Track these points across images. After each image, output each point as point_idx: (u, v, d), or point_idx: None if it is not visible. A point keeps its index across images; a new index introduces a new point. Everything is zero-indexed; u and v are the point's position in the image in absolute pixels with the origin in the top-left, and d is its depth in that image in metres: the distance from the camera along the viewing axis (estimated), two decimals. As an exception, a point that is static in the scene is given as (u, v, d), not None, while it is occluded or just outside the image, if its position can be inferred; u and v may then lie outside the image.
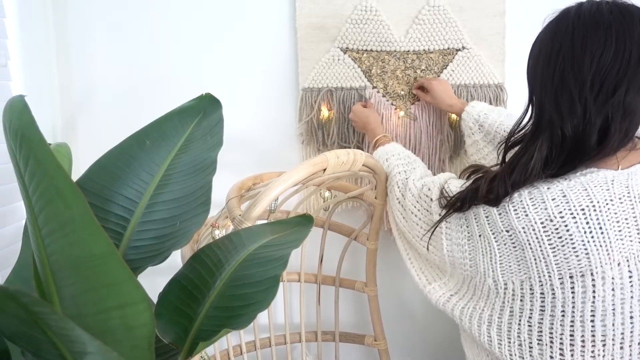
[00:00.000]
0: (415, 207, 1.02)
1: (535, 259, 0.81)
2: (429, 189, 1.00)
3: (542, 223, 0.79)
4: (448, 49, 1.40)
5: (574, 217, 0.78)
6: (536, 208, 0.80)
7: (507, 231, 0.83)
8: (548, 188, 0.80)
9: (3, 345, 0.73)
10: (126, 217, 0.83)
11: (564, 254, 0.79)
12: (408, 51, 1.40)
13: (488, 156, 1.21)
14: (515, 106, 1.43)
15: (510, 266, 0.85)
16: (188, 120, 0.93)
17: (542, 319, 0.83)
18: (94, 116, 1.43)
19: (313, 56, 1.40)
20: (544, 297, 0.82)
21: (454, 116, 1.41)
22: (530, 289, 0.83)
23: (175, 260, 1.03)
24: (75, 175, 0.85)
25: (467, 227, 0.90)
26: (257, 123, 1.45)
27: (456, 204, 0.89)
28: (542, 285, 0.82)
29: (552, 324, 0.83)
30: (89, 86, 1.42)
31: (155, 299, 0.80)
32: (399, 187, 1.08)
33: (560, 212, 0.78)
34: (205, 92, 0.97)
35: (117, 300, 0.64)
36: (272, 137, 1.46)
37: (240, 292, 0.76)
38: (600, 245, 0.77)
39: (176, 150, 0.90)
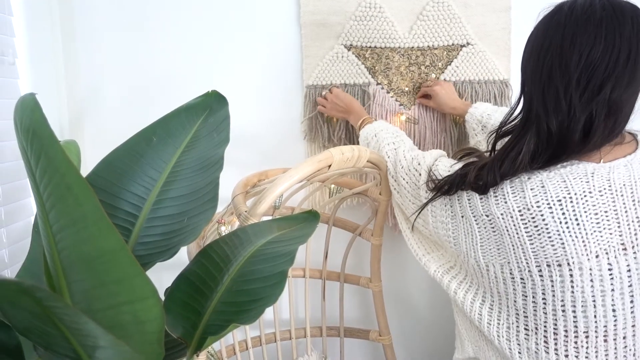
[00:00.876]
0: (404, 179, 1.04)
1: (513, 245, 0.83)
2: (419, 164, 1.01)
3: (519, 211, 0.82)
4: (452, 45, 1.40)
5: (550, 207, 0.79)
6: (515, 196, 0.82)
7: (487, 216, 0.85)
8: (528, 178, 0.82)
9: (15, 339, 0.74)
10: (134, 213, 0.84)
11: (540, 243, 0.81)
12: (412, 47, 1.40)
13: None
14: (520, 102, 1.43)
15: (490, 249, 0.87)
16: (195, 117, 0.94)
17: (525, 304, 0.85)
18: (101, 113, 1.44)
19: (317, 53, 1.41)
20: (524, 283, 0.84)
21: (458, 113, 1.41)
22: (511, 274, 0.86)
23: (181, 256, 1.04)
24: (83, 172, 0.85)
25: (451, 207, 0.92)
26: (262, 120, 1.46)
27: (443, 188, 0.91)
28: (520, 271, 0.84)
29: (535, 310, 0.85)
30: (95, 84, 1.43)
31: (161, 294, 0.81)
32: (389, 158, 1.10)
33: (537, 202, 0.80)
34: (211, 89, 0.98)
35: (128, 296, 0.64)
36: (277, 134, 1.47)
37: (248, 288, 0.76)
38: (576, 236, 0.79)
39: (183, 147, 0.91)
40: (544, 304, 0.83)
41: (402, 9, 1.39)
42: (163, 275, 1.14)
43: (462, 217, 0.90)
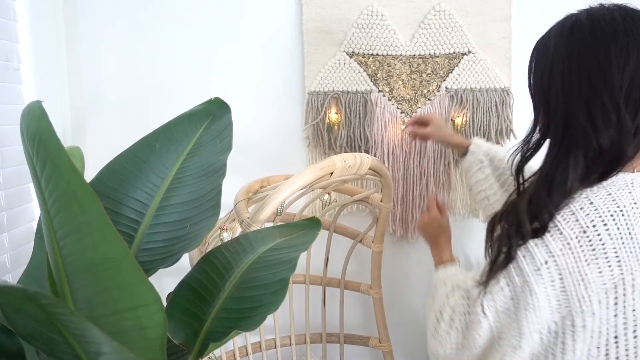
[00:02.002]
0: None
1: (574, 285, 0.77)
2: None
3: (576, 237, 0.75)
4: (454, 53, 1.41)
5: (605, 224, 0.75)
6: (568, 223, 0.76)
7: (546, 262, 0.77)
8: (572, 198, 0.77)
9: (18, 345, 0.74)
10: (137, 219, 0.85)
11: (598, 268, 0.76)
12: (414, 55, 1.41)
13: (496, 195, 1.15)
14: (521, 110, 1.44)
15: (550, 306, 0.78)
16: (197, 124, 0.94)
17: (581, 351, 0.80)
18: (104, 120, 1.44)
19: (319, 60, 1.42)
20: (585, 328, 0.78)
21: (458, 120, 1.42)
22: (572, 324, 0.79)
23: (183, 263, 1.04)
24: (86, 179, 0.86)
25: (510, 282, 0.81)
26: (264, 126, 1.46)
27: (499, 260, 0.79)
28: (583, 313, 0.78)
29: (589, 350, 0.79)
30: (99, 90, 1.43)
31: (163, 301, 0.81)
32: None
33: (592, 221, 0.75)
34: (214, 96, 0.99)
35: (130, 302, 0.65)
36: (278, 141, 1.47)
37: (250, 295, 0.77)
38: (631, 251, 0.75)
39: (186, 153, 0.91)
40: (598, 337, 0.79)
41: (404, 17, 1.41)
42: (165, 282, 1.14)
43: (522, 286, 0.79)
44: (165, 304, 0.81)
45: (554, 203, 0.77)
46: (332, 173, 1.00)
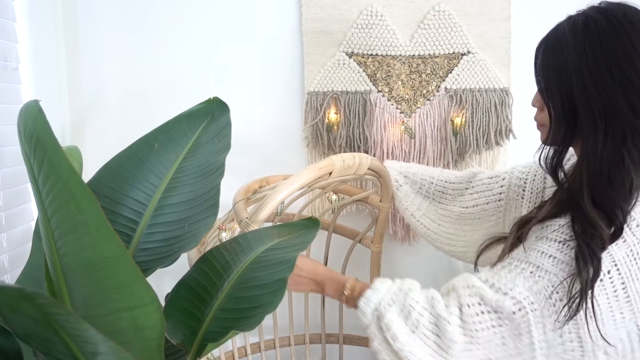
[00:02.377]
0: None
1: (638, 292, 0.74)
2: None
3: (639, 244, 0.74)
4: (453, 53, 1.41)
5: None
6: (630, 228, 0.74)
7: (609, 272, 0.74)
8: None
9: (16, 345, 0.74)
10: (135, 219, 0.85)
11: None
12: (413, 55, 1.41)
13: (420, 209, 1.17)
14: (521, 110, 1.44)
15: (614, 320, 0.75)
16: (196, 124, 0.95)
17: None
18: (103, 119, 1.44)
19: (318, 60, 1.42)
20: None
21: (457, 120, 1.41)
22: (638, 336, 0.77)
23: (181, 262, 1.04)
24: (85, 178, 0.86)
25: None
26: (263, 126, 1.46)
27: (588, 277, 0.73)
28: None
29: None
30: (97, 90, 1.43)
31: (161, 300, 0.81)
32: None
33: None
34: (213, 95, 0.99)
35: (128, 302, 0.65)
36: (278, 141, 1.47)
37: (248, 295, 0.77)
38: None
39: (184, 153, 0.91)
40: None
41: (403, 17, 1.40)
42: (164, 281, 1.14)
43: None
44: (164, 304, 0.81)
45: (626, 202, 0.74)
46: (331, 173, 1.00)
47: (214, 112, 0.96)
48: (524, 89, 1.43)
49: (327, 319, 1.45)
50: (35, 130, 0.60)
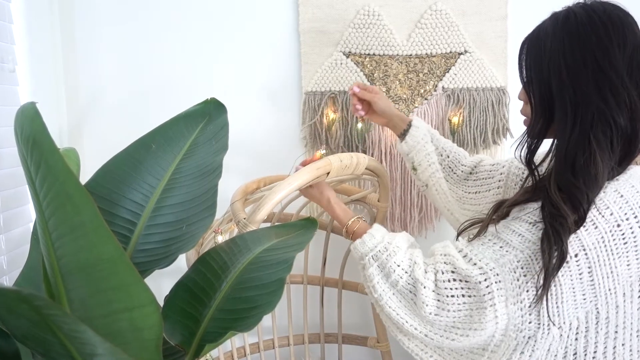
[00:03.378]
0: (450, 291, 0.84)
1: (602, 277, 0.77)
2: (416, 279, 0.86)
3: (610, 231, 0.76)
4: (450, 52, 1.41)
5: (636, 217, 0.77)
6: (604, 217, 0.76)
7: (576, 255, 0.77)
8: (604, 192, 0.77)
9: (13, 346, 0.74)
10: (133, 220, 0.85)
11: (627, 260, 0.77)
12: (410, 55, 1.41)
13: (438, 172, 1.14)
14: (517, 109, 1.44)
15: (575, 300, 0.79)
16: (193, 125, 0.94)
17: (605, 348, 0.81)
18: (100, 121, 1.44)
19: (316, 60, 1.42)
20: (608, 322, 0.80)
21: (455, 120, 1.42)
22: (596, 318, 0.80)
23: (180, 263, 1.04)
24: (82, 180, 0.86)
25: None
26: (260, 127, 1.46)
27: (552, 261, 0.76)
28: (607, 305, 0.79)
29: (615, 347, 0.81)
30: (95, 91, 1.43)
31: (160, 301, 0.81)
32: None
33: (625, 214, 0.76)
34: (210, 96, 0.99)
35: (125, 303, 0.65)
36: (275, 141, 1.47)
37: (246, 295, 0.77)
38: None
39: (182, 154, 0.91)
40: (623, 332, 0.81)
41: (400, 16, 1.41)
42: (163, 282, 1.14)
43: None
44: (163, 305, 0.81)
45: (590, 189, 0.76)
46: (328, 173, 1.00)
47: (211, 112, 0.96)
48: (520, 88, 1.44)
49: (326, 319, 1.45)
50: (32, 132, 0.60)
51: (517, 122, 1.44)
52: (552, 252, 0.76)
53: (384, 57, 1.41)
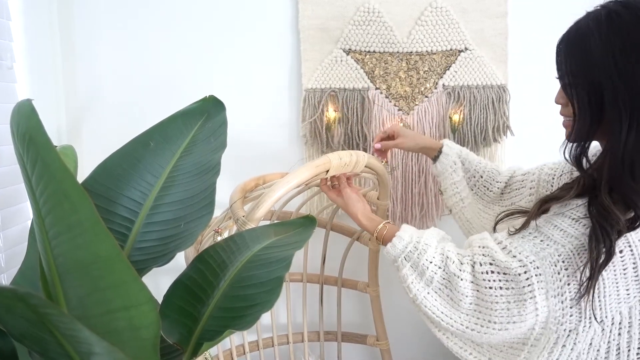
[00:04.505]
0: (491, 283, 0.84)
1: None
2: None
3: None
4: (451, 50, 1.41)
5: None
6: None
7: (621, 251, 0.78)
8: None
9: (10, 345, 0.74)
10: (131, 218, 0.84)
11: None
12: (411, 52, 1.41)
13: (468, 197, 1.15)
14: (518, 107, 1.44)
15: (618, 295, 0.80)
16: (192, 122, 0.94)
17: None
18: (99, 118, 1.44)
19: (316, 57, 1.41)
20: None
21: (455, 117, 1.41)
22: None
23: (179, 261, 1.04)
24: (80, 177, 0.85)
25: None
26: (260, 124, 1.46)
27: (599, 258, 0.77)
28: None
29: None
30: (93, 89, 1.43)
31: (159, 300, 0.81)
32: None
33: None
34: (209, 93, 0.98)
35: (123, 302, 0.64)
36: (275, 138, 1.47)
37: (244, 293, 0.76)
38: None
39: (180, 152, 0.91)
40: None
41: (400, 14, 1.40)
42: (162, 280, 1.14)
43: None
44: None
45: None
46: (328, 171, 0.99)
47: (209, 110, 0.95)
48: (520, 85, 1.43)
49: (325, 317, 1.45)
50: (28, 129, 0.60)
51: (517, 121, 1.44)
52: (600, 250, 0.76)
53: (385, 54, 1.40)
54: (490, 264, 0.83)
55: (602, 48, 0.77)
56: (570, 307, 0.80)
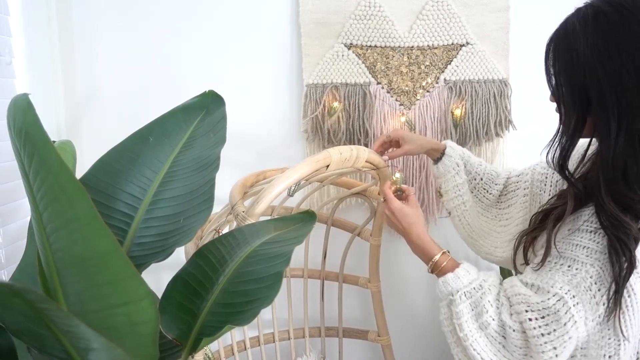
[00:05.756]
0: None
1: None
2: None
3: None
4: (452, 44, 1.40)
5: None
6: None
7: None
8: None
9: (9, 341, 0.74)
10: (130, 214, 0.84)
11: None
12: (412, 47, 1.40)
13: (470, 200, 1.14)
14: (519, 101, 1.43)
15: None
16: (191, 117, 0.93)
17: None
18: (98, 113, 1.43)
19: (317, 52, 1.40)
20: None
21: (457, 112, 1.40)
22: None
23: (179, 257, 1.03)
24: (80, 173, 0.85)
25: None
26: (261, 119, 1.45)
27: (622, 271, 0.75)
28: None
29: None
30: (92, 84, 1.42)
31: (159, 295, 0.81)
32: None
33: None
34: (208, 89, 0.97)
35: (121, 297, 0.64)
36: (276, 134, 1.46)
37: (244, 289, 0.76)
38: None
39: (180, 147, 0.90)
40: None
41: (401, 8, 1.39)
42: (162, 276, 1.14)
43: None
44: (160, 299, 0.80)
45: None
46: (328, 166, 0.99)
47: (209, 105, 0.95)
48: (522, 80, 1.42)
49: (327, 313, 1.45)
50: (24, 124, 0.59)
51: (519, 115, 1.43)
52: (622, 263, 0.75)
53: (386, 48, 1.40)
54: (526, 310, 0.80)
55: (587, 51, 0.76)
56: (608, 329, 0.78)
